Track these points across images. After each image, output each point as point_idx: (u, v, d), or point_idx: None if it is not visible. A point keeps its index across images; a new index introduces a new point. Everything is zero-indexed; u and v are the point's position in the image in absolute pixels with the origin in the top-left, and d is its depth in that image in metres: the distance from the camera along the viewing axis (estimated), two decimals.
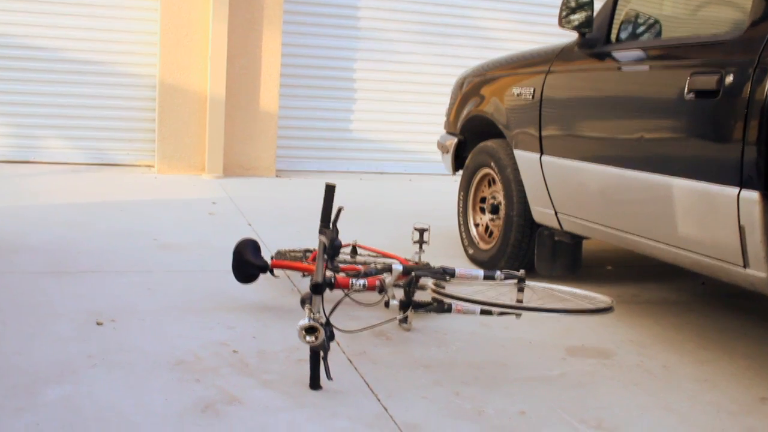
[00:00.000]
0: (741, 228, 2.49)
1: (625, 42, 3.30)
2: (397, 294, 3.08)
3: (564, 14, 3.44)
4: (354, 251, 3.68)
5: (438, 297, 2.72)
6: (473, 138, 4.50)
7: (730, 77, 2.55)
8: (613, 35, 3.33)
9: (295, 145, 7.93)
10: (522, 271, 2.80)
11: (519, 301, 2.76)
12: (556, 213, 3.58)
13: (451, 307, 2.80)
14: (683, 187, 2.73)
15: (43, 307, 3.11)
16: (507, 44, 7.98)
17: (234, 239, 3.37)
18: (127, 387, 2.40)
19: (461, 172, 4.58)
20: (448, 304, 2.80)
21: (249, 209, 5.58)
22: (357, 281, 2.70)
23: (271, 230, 4.83)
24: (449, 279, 2.73)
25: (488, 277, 2.76)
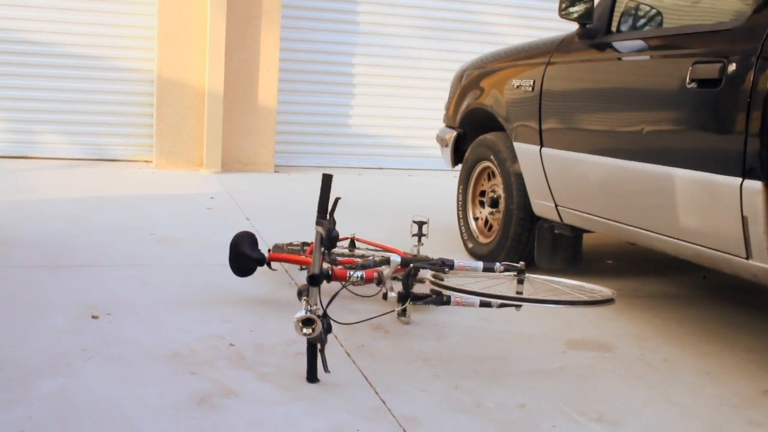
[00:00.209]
0: (744, 218, 2.45)
1: (626, 32, 3.27)
2: (396, 287, 3.05)
3: (564, 5, 3.40)
4: (352, 244, 3.65)
5: (437, 289, 2.69)
6: (472, 131, 4.47)
7: (733, 66, 2.51)
8: (614, 26, 3.29)
9: (294, 141, 7.90)
10: (522, 263, 2.76)
11: (519, 293, 2.73)
12: (556, 206, 3.55)
13: (450, 299, 2.77)
14: (685, 178, 2.70)
15: (38, 301, 3.08)
16: (507, 39, 7.93)
17: (232, 234, 3.34)
18: (122, 380, 2.37)
19: (461, 166, 4.55)
20: (447, 296, 2.76)
21: (247, 204, 5.54)
22: (354, 273, 2.67)
23: (270, 225, 4.80)
24: (448, 271, 2.70)
25: (487, 269, 2.73)
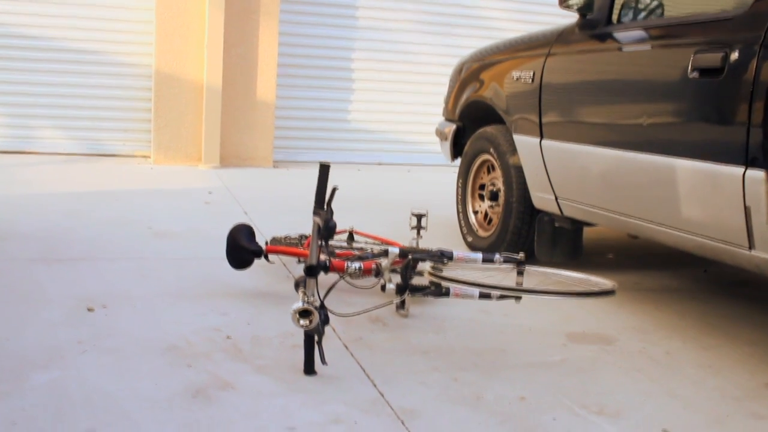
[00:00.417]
0: (746, 209, 2.42)
1: (627, 22, 3.23)
2: (395, 279, 3.02)
3: None
4: (351, 237, 3.62)
5: (435, 280, 2.65)
6: (472, 124, 4.44)
7: (735, 54, 2.48)
8: (615, 16, 3.26)
9: (293, 136, 7.86)
10: (521, 254, 2.73)
11: (519, 285, 2.70)
12: (557, 198, 3.52)
13: (449, 291, 2.73)
14: (687, 168, 2.67)
15: (34, 294, 3.05)
16: (506, 34, 7.85)
17: (229, 228, 3.31)
18: (117, 372, 2.34)
19: (460, 160, 4.52)
20: (446, 288, 2.73)
21: (245, 199, 5.51)
22: (352, 264, 2.64)
23: (268, 219, 4.77)
24: (447, 262, 2.66)
25: (487, 260, 2.70)
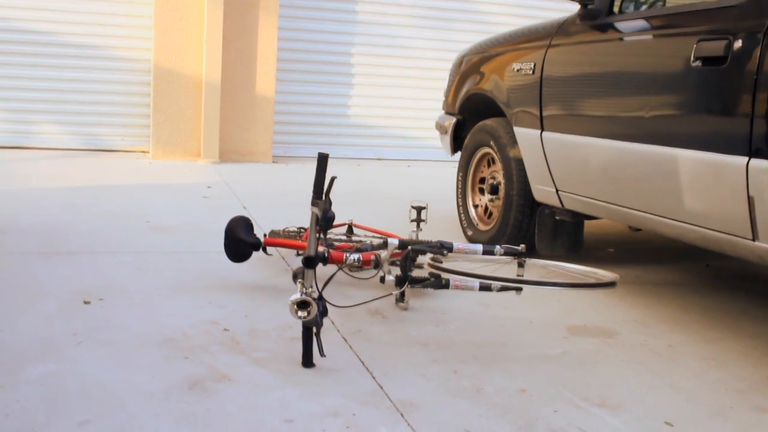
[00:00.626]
0: (750, 199, 2.39)
1: (628, 12, 3.20)
2: (394, 272, 2.99)
3: None
4: (350, 230, 3.60)
5: (435, 271, 2.62)
6: (472, 118, 4.41)
7: (739, 43, 2.45)
8: (616, 6, 3.23)
9: (292, 131, 7.83)
10: (522, 246, 2.70)
11: (519, 277, 2.67)
12: (558, 191, 3.49)
13: (449, 283, 2.70)
14: (689, 159, 2.64)
15: (30, 287, 3.02)
16: (506, 28, 7.83)
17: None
18: (113, 364, 2.31)
19: (460, 154, 4.49)
20: (446, 280, 2.70)
21: (244, 193, 5.49)
22: (351, 255, 2.61)
23: (267, 213, 4.75)
24: (447, 254, 2.63)
25: (487, 252, 2.67)
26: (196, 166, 6.86)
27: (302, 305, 2.28)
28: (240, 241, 3.12)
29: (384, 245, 2.70)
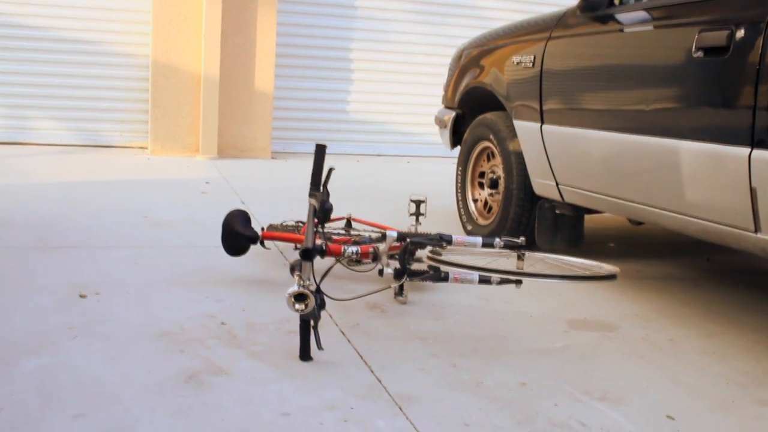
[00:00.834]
0: (752, 190, 2.37)
1: (629, 4, 3.17)
2: (393, 265, 2.96)
3: None
4: (348, 224, 3.57)
5: (434, 264, 2.60)
6: (472, 112, 4.38)
7: (741, 32, 2.43)
8: None
9: (291, 127, 7.80)
10: (522, 239, 2.68)
11: (519, 269, 2.65)
12: (558, 184, 3.46)
13: (448, 276, 2.67)
14: (691, 150, 2.61)
15: (26, 281, 3.00)
16: (506, 23, 7.84)
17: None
18: (108, 358, 2.29)
19: (459, 148, 4.46)
20: (445, 273, 2.67)
21: (243, 189, 5.46)
22: (349, 248, 2.58)
23: (265, 208, 4.72)
24: (446, 246, 2.61)
25: (487, 245, 2.64)
26: (195, 162, 6.84)
27: (300, 298, 2.25)
28: (237, 235, 3.10)
29: (382, 238, 2.68)
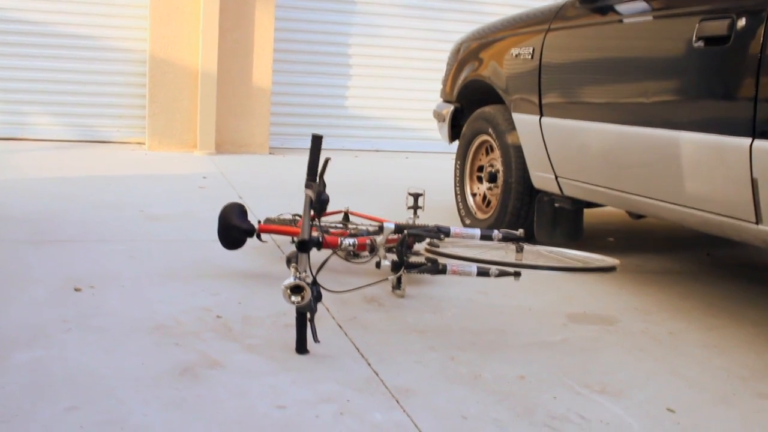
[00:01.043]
0: (753, 181, 2.34)
1: None
2: (390, 257, 2.93)
3: None
4: (346, 218, 3.54)
5: (432, 256, 2.57)
6: (470, 105, 4.35)
7: (742, 21, 2.40)
8: None
9: (290, 122, 7.77)
10: (520, 231, 2.65)
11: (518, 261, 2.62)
12: (557, 177, 3.43)
13: (446, 268, 2.64)
14: (692, 141, 2.58)
15: (20, 274, 2.97)
16: None
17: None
18: (102, 351, 2.26)
19: (458, 142, 4.43)
20: (443, 265, 2.64)
21: (240, 184, 5.43)
22: (346, 240, 2.55)
23: (263, 203, 4.70)
24: (444, 238, 2.58)
25: (485, 237, 2.61)
26: (192, 158, 6.80)
27: (296, 290, 2.22)
28: (234, 228, 3.07)
29: (380, 230, 2.65)
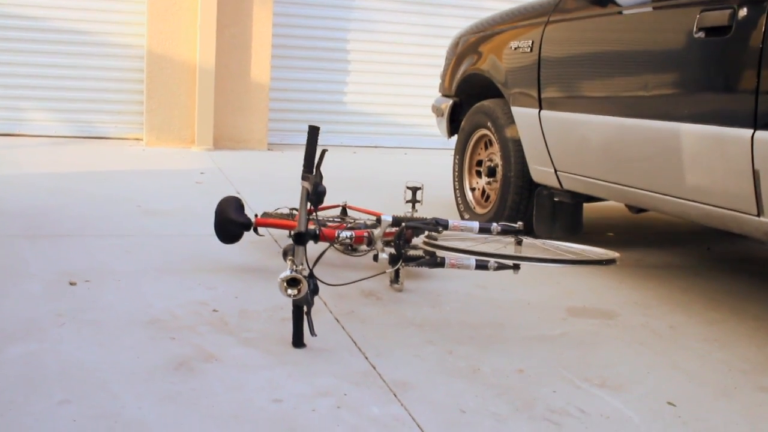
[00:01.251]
0: (755, 173, 2.31)
1: None
2: (388, 251, 2.91)
3: None
4: (344, 212, 3.52)
5: (430, 249, 2.54)
6: (469, 99, 4.32)
7: (744, 11, 2.37)
8: None
9: (288, 118, 7.74)
10: (520, 223, 2.63)
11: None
12: (556, 171, 3.41)
13: (445, 261, 2.61)
14: (692, 133, 2.56)
15: (15, 268, 2.95)
16: None
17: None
18: (96, 344, 2.23)
19: (457, 137, 4.41)
20: (441, 258, 2.61)
21: (238, 179, 5.41)
22: (343, 233, 2.53)
23: (260, 198, 4.67)
24: (442, 231, 2.55)
25: (484, 230, 2.59)
26: (190, 153, 6.78)
27: (292, 283, 2.20)
28: (231, 222, 3.04)
29: (377, 223, 2.62)
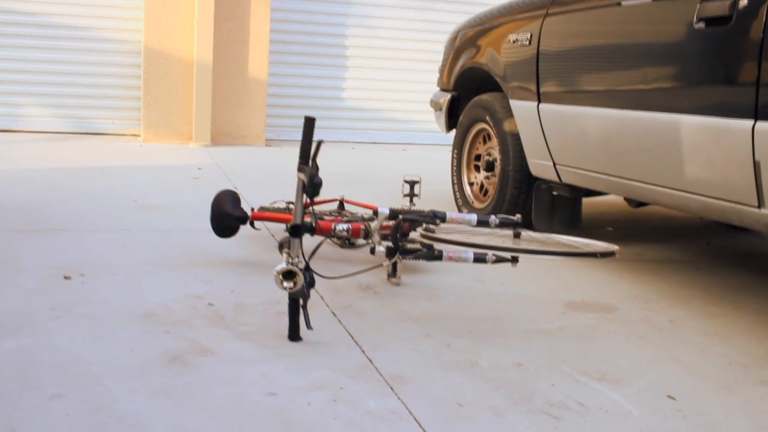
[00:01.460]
0: (756, 164, 2.29)
1: None
2: (386, 244, 2.88)
3: None
4: (341, 206, 3.49)
5: (427, 242, 2.52)
6: (467, 93, 4.30)
7: (744, 1, 2.34)
8: None
9: (286, 114, 7.71)
10: (518, 216, 2.60)
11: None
12: (555, 164, 3.38)
13: (442, 254, 2.59)
14: (692, 125, 2.54)
15: (9, 262, 2.92)
16: None
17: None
18: (90, 338, 2.21)
19: (455, 132, 4.38)
20: (439, 251, 2.59)
21: (235, 174, 5.38)
22: (340, 225, 2.50)
23: (257, 193, 4.65)
24: (439, 223, 2.53)
25: (482, 222, 2.57)
26: (188, 149, 6.75)
27: (288, 275, 2.17)
28: (227, 215, 3.02)
29: (374, 215, 2.60)
